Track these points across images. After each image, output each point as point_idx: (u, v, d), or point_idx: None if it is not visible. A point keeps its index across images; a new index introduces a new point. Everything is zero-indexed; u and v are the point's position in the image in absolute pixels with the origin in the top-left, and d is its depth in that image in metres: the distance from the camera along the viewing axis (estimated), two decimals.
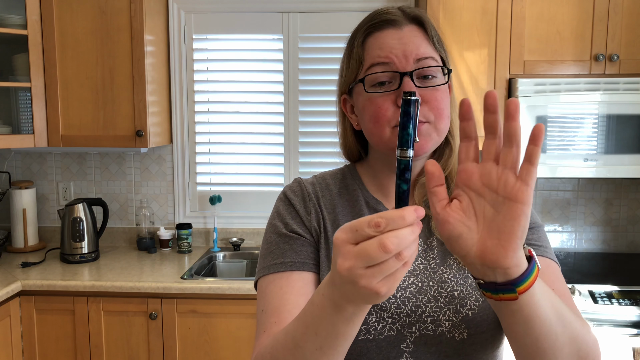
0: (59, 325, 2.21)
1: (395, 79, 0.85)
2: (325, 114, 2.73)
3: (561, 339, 0.70)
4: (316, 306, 0.66)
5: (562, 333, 0.69)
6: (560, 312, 0.70)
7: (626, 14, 2.21)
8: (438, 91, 0.86)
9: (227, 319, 2.18)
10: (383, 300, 0.59)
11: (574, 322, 0.72)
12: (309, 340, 0.67)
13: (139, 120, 2.40)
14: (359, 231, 0.56)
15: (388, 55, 0.85)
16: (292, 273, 0.87)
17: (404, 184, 0.59)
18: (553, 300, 0.69)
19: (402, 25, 0.87)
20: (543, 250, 0.89)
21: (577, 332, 0.72)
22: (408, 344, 0.85)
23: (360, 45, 0.90)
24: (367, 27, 0.89)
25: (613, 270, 2.44)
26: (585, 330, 0.75)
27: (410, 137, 0.58)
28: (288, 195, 0.96)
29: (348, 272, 0.56)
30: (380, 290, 0.56)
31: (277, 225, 0.93)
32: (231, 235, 2.79)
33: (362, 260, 0.55)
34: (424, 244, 0.91)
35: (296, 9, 2.67)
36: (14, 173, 2.81)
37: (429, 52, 0.87)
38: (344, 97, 0.95)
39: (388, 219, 0.54)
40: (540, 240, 0.90)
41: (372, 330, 0.85)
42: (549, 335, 0.68)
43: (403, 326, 0.85)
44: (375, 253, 0.54)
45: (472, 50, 2.26)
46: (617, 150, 2.18)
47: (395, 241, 0.54)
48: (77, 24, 2.38)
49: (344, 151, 1.02)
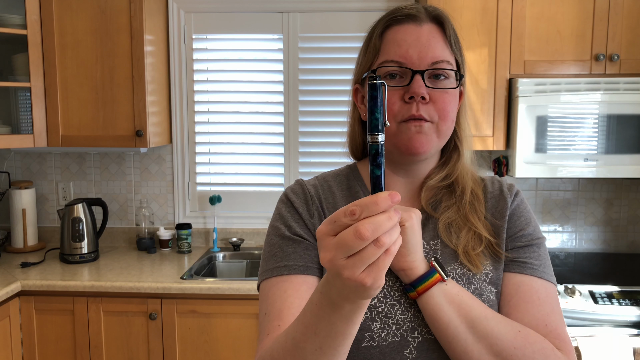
0: (58, 325, 2.21)
1: (407, 75, 0.85)
2: (325, 114, 2.72)
3: (474, 348, 0.79)
4: (315, 305, 0.65)
5: (474, 342, 0.79)
6: (476, 323, 0.79)
7: (626, 14, 2.21)
8: (447, 93, 0.86)
9: (227, 319, 2.18)
10: (374, 294, 0.58)
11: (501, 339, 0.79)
12: (308, 340, 0.67)
13: (139, 120, 2.40)
14: (336, 222, 0.56)
15: (404, 54, 0.85)
16: (296, 276, 0.86)
17: (376, 169, 0.59)
18: (467, 310, 0.80)
19: (422, 22, 0.87)
20: (541, 272, 0.89)
21: (501, 349, 0.78)
22: (411, 350, 0.84)
23: (379, 36, 0.89)
24: (388, 19, 0.89)
25: (613, 270, 2.44)
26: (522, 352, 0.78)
27: (379, 122, 0.57)
28: (290, 197, 0.95)
29: (330, 264, 0.56)
30: (365, 281, 0.55)
31: (280, 227, 0.92)
32: (231, 235, 2.79)
33: (341, 250, 0.55)
34: (427, 246, 0.90)
35: (296, 9, 2.66)
36: (14, 173, 2.80)
37: (444, 55, 0.86)
38: (356, 86, 0.95)
39: (362, 206, 0.54)
40: (540, 259, 0.90)
41: (377, 337, 0.84)
42: (458, 340, 0.79)
43: (406, 331, 0.84)
44: (352, 241, 0.54)
45: (472, 49, 2.26)
46: (617, 150, 2.18)
47: (371, 227, 0.53)
48: (76, 23, 2.38)
49: (349, 144, 1.01)
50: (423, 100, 0.84)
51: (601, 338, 1.94)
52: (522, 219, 0.93)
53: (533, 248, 0.91)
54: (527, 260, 0.89)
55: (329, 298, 0.62)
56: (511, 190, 0.96)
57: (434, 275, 0.80)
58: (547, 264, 0.91)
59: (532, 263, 0.89)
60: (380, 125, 0.57)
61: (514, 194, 0.95)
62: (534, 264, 0.89)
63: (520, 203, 0.95)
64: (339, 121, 2.69)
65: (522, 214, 0.93)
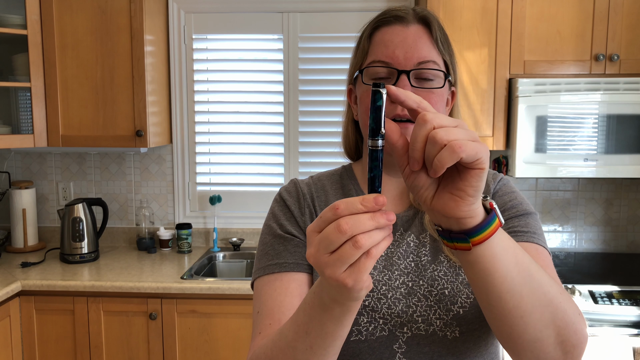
0: (58, 325, 2.21)
1: (393, 75, 0.86)
2: (325, 114, 2.72)
3: (528, 301, 0.67)
4: (307, 305, 0.67)
5: (528, 294, 0.67)
6: (530, 273, 0.67)
7: (626, 14, 2.21)
8: (433, 94, 0.87)
9: (227, 319, 2.18)
10: (359, 296, 0.58)
11: (550, 288, 0.69)
12: (300, 340, 0.68)
13: (139, 120, 2.40)
14: (322, 217, 0.56)
15: (390, 54, 0.86)
16: (286, 274, 0.88)
17: (372, 171, 0.59)
18: (521, 259, 0.67)
19: (409, 23, 0.88)
20: (530, 236, 0.87)
21: (551, 298, 0.69)
22: (400, 344, 0.85)
23: (367, 37, 0.91)
24: (376, 21, 0.91)
25: (613, 270, 2.44)
26: (564, 299, 0.71)
27: (378, 128, 0.58)
28: (283, 196, 0.97)
29: (314, 260, 0.57)
30: (346, 282, 0.55)
31: (272, 226, 0.94)
32: (231, 235, 2.79)
33: (323, 245, 0.55)
34: (417, 240, 0.91)
35: (296, 9, 2.67)
36: (14, 173, 2.81)
37: (431, 55, 0.87)
38: (349, 87, 0.97)
39: (347, 202, 0.55)
40: (528, 226, 0.88)
41: (364, 330, 0.85)
42: (512, 295, 0.66)
43: (395, 326, 0.85)
44: (332, 235, 0.54)
45: (472, 49, 2.26)
46: (617, 150, 2.18)
47: (350, 222, 0.53)
48: (77, 23, 2.38)
49: (344, 143, 1.03)
50: None
51: (601, 338, 1.95)
52: (505, 197, 0.92)
53: (519, 218, 0.89)
54: (513, 229, 0.88)
55: (320, 299, 0.63)
56: (495, 178, 0.96)
57: (495, 222, 0.63)
58: (538, 232, 0.88)
59: (519, 230, 0.87)
60: (378, 131, 0.58)
61: (497, 180, 0.96)
62: (521, 231, 0.87)
63: (503, 186, 0.95)
64: (339, 121, 2.67)
65: (505, 192, 0.93)
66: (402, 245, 0.91)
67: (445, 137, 0.54)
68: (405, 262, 0.90)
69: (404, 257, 0.90)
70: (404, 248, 0.91)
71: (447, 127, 0.55)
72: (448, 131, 0.55)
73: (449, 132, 0.55)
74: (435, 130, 0.55)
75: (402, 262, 0.90)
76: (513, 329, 0.69)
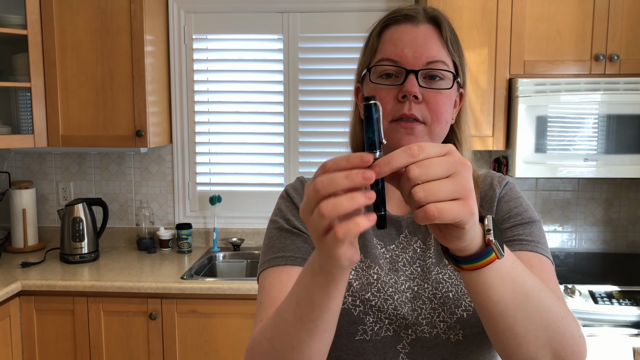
0: (58, 325, 2.21)
1: (401, 75, 0.86)
2: (325, 114, 2.72)
3: (522, 324, 0.67)
4: (301, 274, 0.67)
5: (523, 318, 0.67)
6: (528, 299, 0.67)
7: (626, 14, 2.21)
8: (441, 94, 0.86)
9: (227, 319, 2.18)
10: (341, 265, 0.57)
11: (548, 313, 0.69)
12: (291, 312, 0.68)
13: (139, 120, 2.40)
14: (315, 175, 0.57)
15: (399, 53, 0.86)
16: (292, 267, 0.87)
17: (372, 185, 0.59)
18: (519, 287, 0.66)
19: (420, 23, 0.88)
20: (534, 246, 0.87)
21: (549, 323, 0.69)
22: (404, 345, 0.85)
23: (377, 35, 0.91)
24: (386, 20, 0.90)
25: (613, 270, 2.44)
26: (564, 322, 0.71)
27: (374, 141, 0.58)
28: (289, 192, 0.97)
29: (301, 216, 0.58)
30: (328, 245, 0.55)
31: (278, 221, 0.94)
32: (231, 235, 2.79)
33: (305, 202, 0.56)
34: (423, 245, 0.91)
35: (296, 9, 2.67)
36: (14, 173, 2.81)
37: (440, 55, 0.86)
38: (357, 85, 0.97)
39: (335, 159, 0.55)
40: (532, 235, 0.88)
41: (370, 330, 0.85)
42: (505, 317, 0.67)
43: (400, 327, 0.86)
44: (310, 193, 0.55)
45: (472, 49, 2.26)
46: (617, 150, 2.18)
47: (326, 179, 0.54)
48: (77, 23, 2.38)
49: (351, 142, 1.02)
50: (416, 99, 0.84)
51: (601, 338, 1.95)
52: (511, 203, 0.92)
53: (524, 226, 0.89)
54: (517, 237, 0.88)
55: (311, 265, 0.64)
56: (501, 182, 0.96)
57: (489, 256, 0.63)
58: (542, 242, 0.88)
59: (523, 239, 0.87)
60: (375, 144, 0.58)
61: (503, 184, 0.95)
62: (525, 240, 0.87)
63: (509, 190, 0.94)
64: (339, 121, 2.69)
65: (511, 198, 0.93)
66: (409, 251, 0.91)
67: (424, 199, 0.54)
68: (411, 268, 0.90)
69: (409, 264, 0.90)
70: (410, 254, 0.91)
71: (430, 185, 0.54)
72: (429, 190, 0.54)
73: (429, 192, 0.54)
74: (414, 189, 0.54)
75: (408, 269, 0.90)
76: (506, 346, 0.70)
